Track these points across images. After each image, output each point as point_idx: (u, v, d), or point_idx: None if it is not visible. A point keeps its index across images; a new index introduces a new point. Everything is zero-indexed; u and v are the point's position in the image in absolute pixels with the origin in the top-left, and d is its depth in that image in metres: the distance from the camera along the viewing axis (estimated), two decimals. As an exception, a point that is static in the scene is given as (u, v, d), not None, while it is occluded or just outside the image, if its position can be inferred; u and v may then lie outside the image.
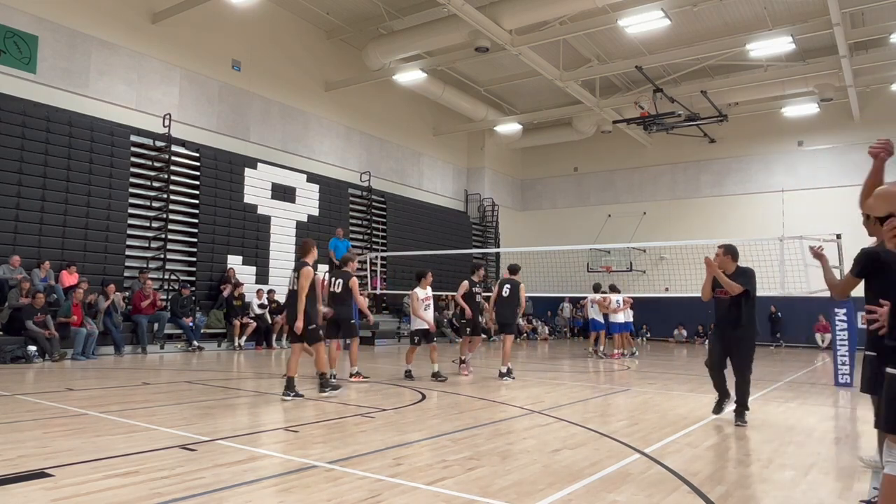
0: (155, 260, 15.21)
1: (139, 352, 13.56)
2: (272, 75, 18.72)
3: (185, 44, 16.51)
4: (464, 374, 10.83)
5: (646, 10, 15.49)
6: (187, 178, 16.09)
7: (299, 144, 19.60)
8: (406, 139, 24.09)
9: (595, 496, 3.89)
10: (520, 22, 16.78)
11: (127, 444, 4.91)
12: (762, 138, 24.40)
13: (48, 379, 9.27)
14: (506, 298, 10.66)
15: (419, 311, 9.99)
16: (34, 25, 13.57)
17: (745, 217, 24.08)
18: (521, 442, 5.55)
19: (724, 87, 20.87)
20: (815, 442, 5.86)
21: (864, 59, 19.17)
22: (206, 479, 3.99)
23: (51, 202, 13.28)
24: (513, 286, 10.72)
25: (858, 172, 22.58)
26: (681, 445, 5.46)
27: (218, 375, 10.19)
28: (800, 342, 22.56)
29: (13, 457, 4.43)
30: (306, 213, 19.03)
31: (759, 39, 17.39)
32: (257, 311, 16.12)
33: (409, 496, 3.77)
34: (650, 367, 13.46)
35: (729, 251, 6.54)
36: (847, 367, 10.38)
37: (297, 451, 4.84)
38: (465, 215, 26.87)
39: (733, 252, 6.55)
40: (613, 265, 25.57)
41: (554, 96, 23.87)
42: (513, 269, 11.12)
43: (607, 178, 27.98)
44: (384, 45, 18.97)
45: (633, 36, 18.64)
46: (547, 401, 8.05)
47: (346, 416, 6.61)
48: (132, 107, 15.35)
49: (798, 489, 4.23)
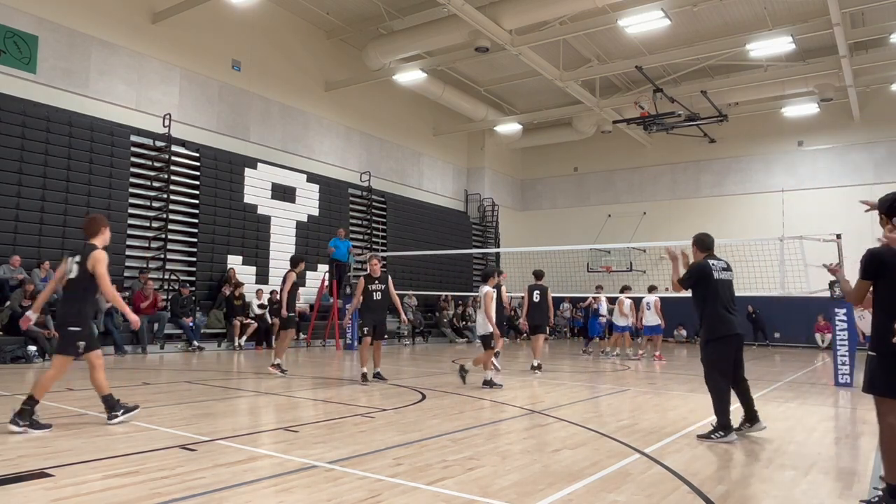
0: (155, 260, 15.21)
1: (139, 352, 13.56)
2: (272, 75, 18.72)
3: (185, 44, 16.51)
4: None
5: (646, 10, 15.49)
6: (187, 178, 16.09)
7: (299, 144, 19.60)
8: (406, 139, 24.09)
9: (595, 496, 3.89)
10: (520, 22, 16.78)
11: (127, 444, 4.91)
12: (762, 138, 24.40)
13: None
14: (537, 303, 11.89)
15: (491, 312, 9.17)
16: (34, 25, 13.57)
17: (745, 217, 24.09)
18: (521, 442, 5.55)
19: (724, 87, 20.88)
20: (815, 442, 5.85)
21: (864, 59, 19.18)
22: (206, 479, 3.99)
23: (51, 202, 13.28)
24: (542, 291, 11.95)
25: (858, 172, 22.64)
26: (681, 445, 5.46)
27: (218, 375, 10.19)
28: (800, 342, 22.56)
29: (13, 457, 4.43)
30: (306, 213, 19.03)
31: (759, 39, 17.39)
32: (257, 311, 16.13)
33: (409, 496, 3.77)
34: (650, 367, 13.46)
35: (694, 242, 6.14)
36: (847, 367, 10.37)
37: (297, 451, 4.84)
38: (465, 215, 26.87)
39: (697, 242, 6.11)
40: (613, 265, 25.58)
41: (554, 96, 23.87)
42: (538, 274, 12.30)
43: (607, 178, 27.98)
44: (384, 45, 18.97)
45: (633, 36, 18.64)
46: (547, 401, 8.05)
47: (346, 416, 6.61)
48: (132, 107, 15.35)
49: (798, 489, 4.23)
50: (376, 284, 9.54)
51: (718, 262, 5.97)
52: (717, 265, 5.92)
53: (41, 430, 5.28)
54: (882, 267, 3.81)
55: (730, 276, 6.01)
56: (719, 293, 5.80)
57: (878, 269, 3.83)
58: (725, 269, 6.00)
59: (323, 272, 18.65)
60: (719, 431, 5.64)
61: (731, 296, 5.93)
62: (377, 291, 9.53)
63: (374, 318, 9.57)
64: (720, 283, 5.84)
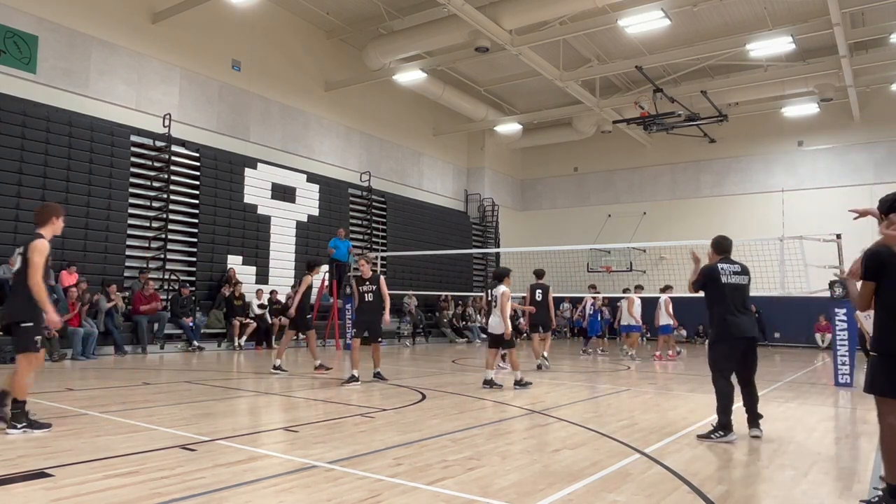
0: (155, 260, 15.21)
1: (139, 352, 13.56)
2: (272, 75, 18.72)
3: (185, 44, 16.51)
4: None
5: (646, 10, 15.49)
6: (187, 178, 16.09)
7: (299, 144, 19.60)
8: (406, 139, 24.09)
9: (595, 496, 3.89)
10: (520, 22, 16.78)
11: (127, 444, 4.91)
12: (762, 138, 24.40)
13: (48, 379, 9.26)
14: (539, 302, 12.12)
15: (507, 311, 9.14)
16: (34, 25, 13.56)
17: (745, 217, 24.07)
18: (521, 442, 5.55)
19: (724, 87, 20.87)
20: (815, 442, 5.85)
21: (864, 59, 19.18)
22: (206, 479, 3.99)
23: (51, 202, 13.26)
24: (543, 290, 12.16)
25: (858, 172, 22.64)
26: (681, 445, 5.46)
27: (218, 375, 10.19)
28: (800, 342, 22.56)
29: (13, 457, 4.43)
30: (306, 213, 19.03)
31: (759, 39, 17.38)
32: (257, 311, 16.13)
33: (409, 496, 3.77)
34: (650, 367, 13.46)
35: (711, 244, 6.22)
36: (847, 367, 10.37)
37: (297, 451, 4.84)
38: (465, 215, 26.87)
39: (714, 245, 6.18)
40: (613, 265, 25.57)
41: (554, 96, 23.87)
42: (539, 273, 12.48)
43: (607, 178, 27.97)
44: (384, 45, 18.96)
45: (633, 36, 18.64)
46: (547, 401, 8.05)
47: (346, 416, 6.61)
48: (132, 107, 15.35)
49: (798, 489, 4.23)
50: (367, 286, 9.49)
51: (731, 266, 5.97)
52: (728, 269, 5.93)
53: (41, 430, 5.26)
54: (881, 267, 3.79)
55: (743, 279, 5.97)
56: (727, 296, 5.81)
57: (877, 270, 3.80)
58: (739, 272, 5.96)
59: (323, 272, 18.64)
60: (719, 431, 5.65)
61: (741, 299, 5.90)
62: (369, 293, 9.48)
63: (366, 319, 9.56)
64: (728, 287, 5.84)
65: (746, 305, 5.95)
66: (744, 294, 5.96)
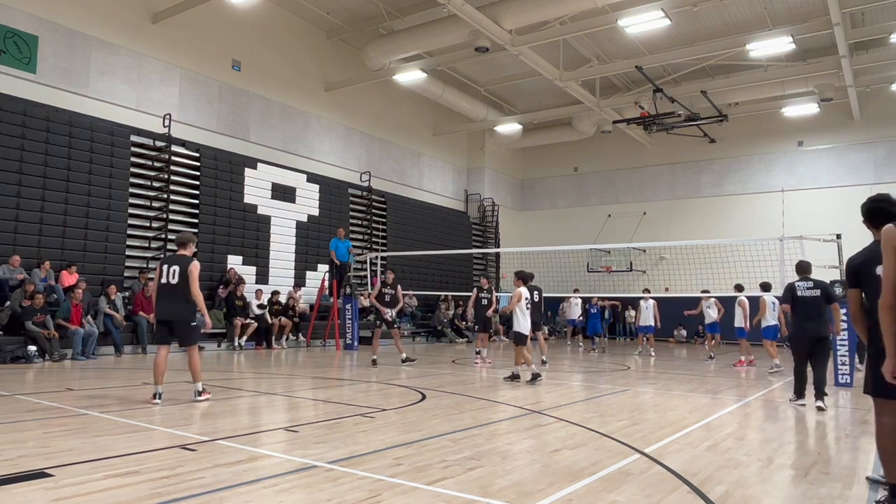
0: (155, 260, 15.19)
1: (139, 352, 13.56)
2: (272, 75, 18.72)
3: (185, 44, 16.51)
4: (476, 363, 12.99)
5: (646, 10, 15.49)
6: (187, 179, 16.09)
7: (299, 144, 19.60)
8: (406, 139, 24.09)
9: (595, 496, 3.89)
10: (520, 22, 16.78)
11: (127, 444, 4.91)
12: (762, 138, 24.40)
13: (48, 379, 9.27)
14: (536, 303, 12.35)
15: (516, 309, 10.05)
16: (34, 25, 13.57)
17: (745, 217, 24.09)
18: (521, 442, 5.55)
19: (724, 87, 20.88)
20: (815, 442, 5.86)
21: (864, 59, 19.19)
22: (206, 479, 3.99)
23: (51, 202, 13.28)
24: (539, 291, 12.58)
25: (858, 172, 22.65)
26: (681, 445, 5.46)
27: (218, 375, 10.18)
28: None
29: (13, 457, 4.43)
30: (306, 213, 19.03)
31: (759, 39, 17.38)
32: (257, 312, 16.12)
33: (409, 496, 3.77)
34: (650, 367, 13.46)
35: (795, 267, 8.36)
36: (847, 367, 10.39)
37: (297, 451, 4.84)
38: (465, 215, 26.87)
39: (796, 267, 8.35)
40: (613, 265, 25.58)
41: (554, 96, 23.87)
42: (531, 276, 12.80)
43: (607, 178, 27.97)
44: (384, 45, 18.96)
45: (633, 36, 18.64)
46: (547, 401, 8.05)
47: (346, 416, 6.61)
48: (132, 107, 15.35)
49: (798, 489, 4.23)
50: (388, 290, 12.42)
51: (805, 283, 7.92)
52: (802, 285, 7.91)
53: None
54: (856, 274, 3.96)
55: (815, 293, 7.81)
56: (798, 307, 7.83)
57: (856, 277, 3.97)
58: (811, 287, 7.87)
59: (323, 272, 18.67)
60: (793, 394, 8.05)
61: (812, 308, 7.75)
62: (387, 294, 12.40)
63: None
64: (801, 300, 7.82)
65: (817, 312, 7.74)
66: (814, 303, 7.75)
